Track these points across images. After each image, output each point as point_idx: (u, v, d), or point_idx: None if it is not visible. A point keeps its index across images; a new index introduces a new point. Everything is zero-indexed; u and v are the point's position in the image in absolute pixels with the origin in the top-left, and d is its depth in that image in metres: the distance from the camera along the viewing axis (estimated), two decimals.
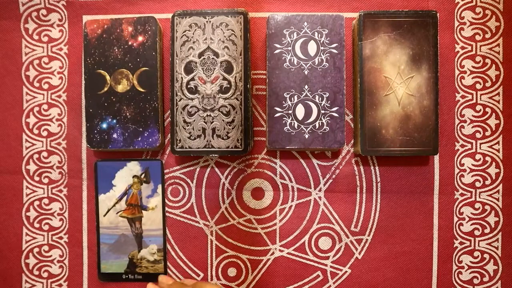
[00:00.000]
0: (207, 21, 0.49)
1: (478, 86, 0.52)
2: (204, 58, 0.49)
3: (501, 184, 0.52)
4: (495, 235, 0.52)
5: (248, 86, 0.49)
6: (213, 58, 0.49)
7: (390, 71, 0.49)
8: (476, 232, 0.52)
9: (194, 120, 0.49)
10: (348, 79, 0.52)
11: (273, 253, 0.53)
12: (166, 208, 0.53)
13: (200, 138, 0.49)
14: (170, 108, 0.50)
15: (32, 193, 0.53)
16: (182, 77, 0.50)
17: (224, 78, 0.49)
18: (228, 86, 0.49)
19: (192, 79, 0.49)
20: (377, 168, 0.53)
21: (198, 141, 0.49)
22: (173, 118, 0.50)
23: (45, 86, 0.53)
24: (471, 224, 0.52)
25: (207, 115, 0.49)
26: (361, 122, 0.49)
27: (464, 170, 0.52)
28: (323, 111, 0.49)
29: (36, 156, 0.53)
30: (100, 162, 0.52)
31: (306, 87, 0.49)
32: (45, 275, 0.53)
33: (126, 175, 0.52)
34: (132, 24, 0.50)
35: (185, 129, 0.50)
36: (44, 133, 0.53)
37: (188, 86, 0.49)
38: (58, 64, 0.53)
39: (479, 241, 0.52)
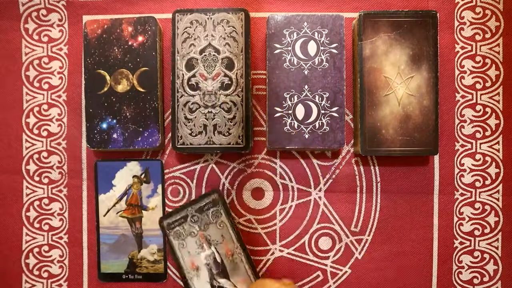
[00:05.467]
0: (208, 18, 0.49)
1: (478, 86, 0.52)
2: (205, 55, 0.49)
3: (501, 184, 0.52)
4: (495, 235, 0.52)
5: (249, 80, 0.49)
6: (214, 55, 0.49)
7: (390, 71, 0.49)
8: (476, 232, 0.52)
9: (195, 117, 0.49)
10: (348, 79, 0.52)
11: (273, 253, 0.53)
12: (166, 208, 0.53)
13: (201, 134, 0.49)
14: (171, 105, 0.50)
15: (32, 193, 0.53)
16: (183, 74, 0.50)
17: (225, 75, 0.49)
18: (229, 82, 0.49)
19: (193, 75, 0.49)
20: (377, 168, 0.53)
21: (199, 137, 0.49)
22: (174, 115, 0.50)
23: (45, 86, 0.53)
24: (471, 224, 0.52)
25: (208, 112, 0.49)
26: (361, 122, 0.49)
27: (464, 170, 0.52)
28: (323, 111, 0.49)
29: (36, 156, 0.53)
30: (100, 162, 0.52)
31: (306, 87, 0.49)
32: (45, 275, 0.53)
33: (126, 175, 0.52)
34: (132, 24, 0.50)
35: (186, 125, 0.49)
36: (44, 133, 0.53)
37: (189, 83, 0.50)
38: (58, 64, 0.53)
39: (479, 241, 0.52)
